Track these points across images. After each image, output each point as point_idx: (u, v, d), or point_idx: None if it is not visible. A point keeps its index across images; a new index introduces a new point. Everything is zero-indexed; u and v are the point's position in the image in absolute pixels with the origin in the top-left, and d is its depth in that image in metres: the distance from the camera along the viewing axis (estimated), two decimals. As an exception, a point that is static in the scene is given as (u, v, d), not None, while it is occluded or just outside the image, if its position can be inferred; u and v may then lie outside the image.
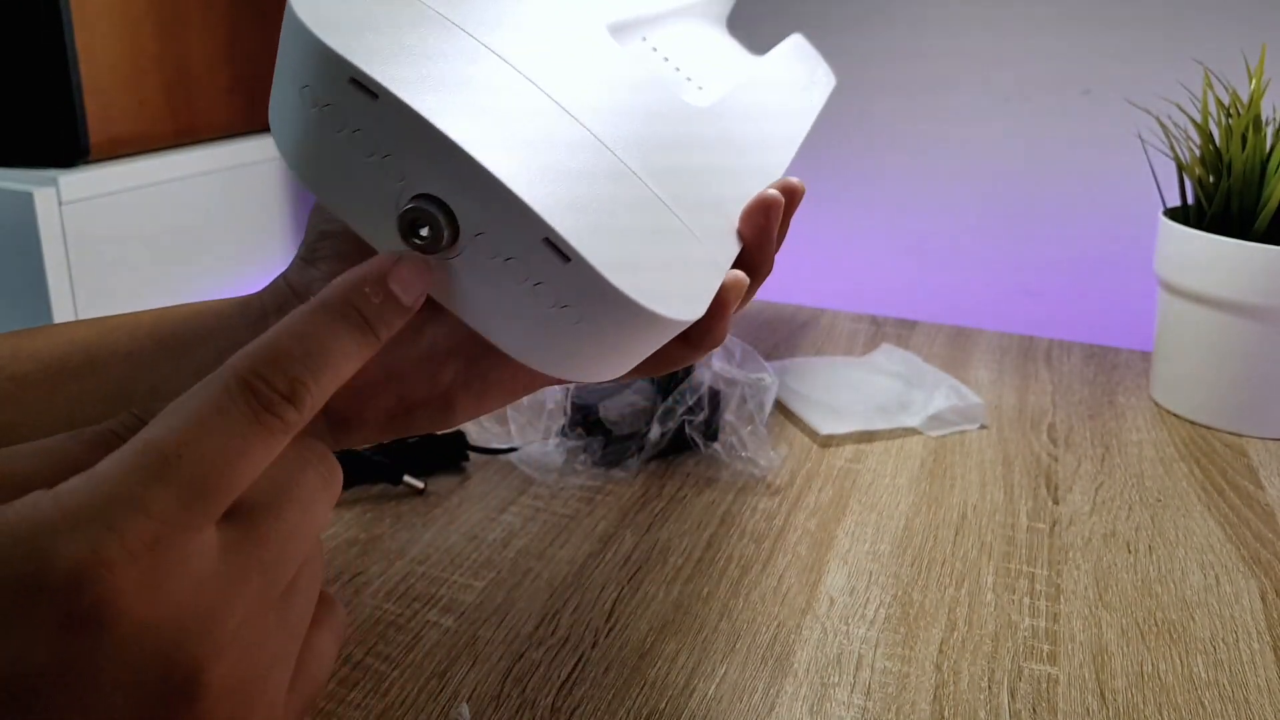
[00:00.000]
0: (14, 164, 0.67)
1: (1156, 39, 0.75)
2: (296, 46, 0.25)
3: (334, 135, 0.25)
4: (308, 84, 0.25)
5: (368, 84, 0.23)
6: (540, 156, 0.25)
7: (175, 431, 0.20)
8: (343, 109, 0.24)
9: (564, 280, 0.25)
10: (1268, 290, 0.60)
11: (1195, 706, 0.39)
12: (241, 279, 0.82)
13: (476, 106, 0.25)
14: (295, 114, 0.26)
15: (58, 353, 0.33)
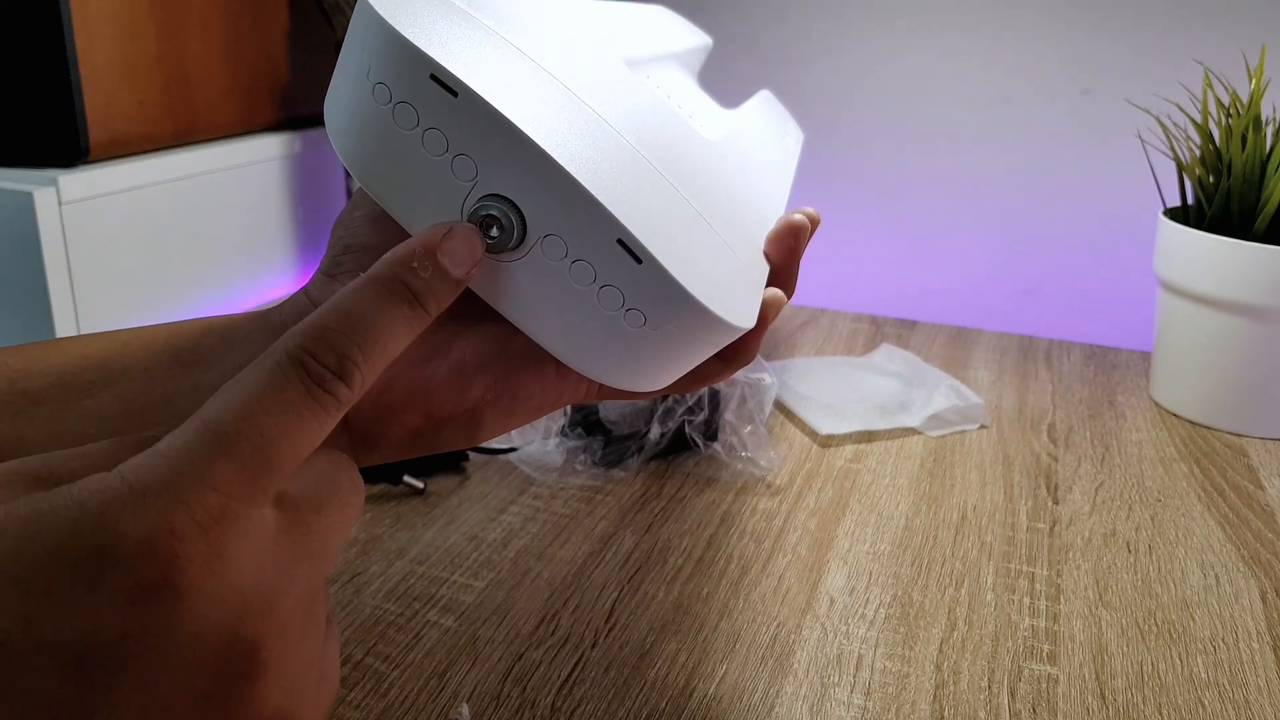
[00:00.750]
0: (14, 164, 0.67)
1: (1157, 39, 0.75)
2: (371, 40, 0.25)
3: (404, 133, 0.25)
4: (382, 80, 0.25)
5: (449, 81, 0.24)
6: (606, 166, 0.26)
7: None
8: (418, 106, 0.24)
9: (634, 282, 0.25)
10: (1268, 290, 0.60)
11: (1195, 706, 0.39)
12: (241, 279, 0.82)
13: (548, 113, 0.25)
14: (362, 110, 0.25)
15: (70, 367, 0.33)
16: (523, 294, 0.26)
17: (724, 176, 0.35)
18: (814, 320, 0.83)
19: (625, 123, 0.29)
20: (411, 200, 0.26)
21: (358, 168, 0.26)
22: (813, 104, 0.85)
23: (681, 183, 0.29)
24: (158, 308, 0.74)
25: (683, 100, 0.40)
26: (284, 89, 0.84)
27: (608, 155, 0.26)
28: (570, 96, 0.27)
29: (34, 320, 0.66)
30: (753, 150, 0.42)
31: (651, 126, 0.31)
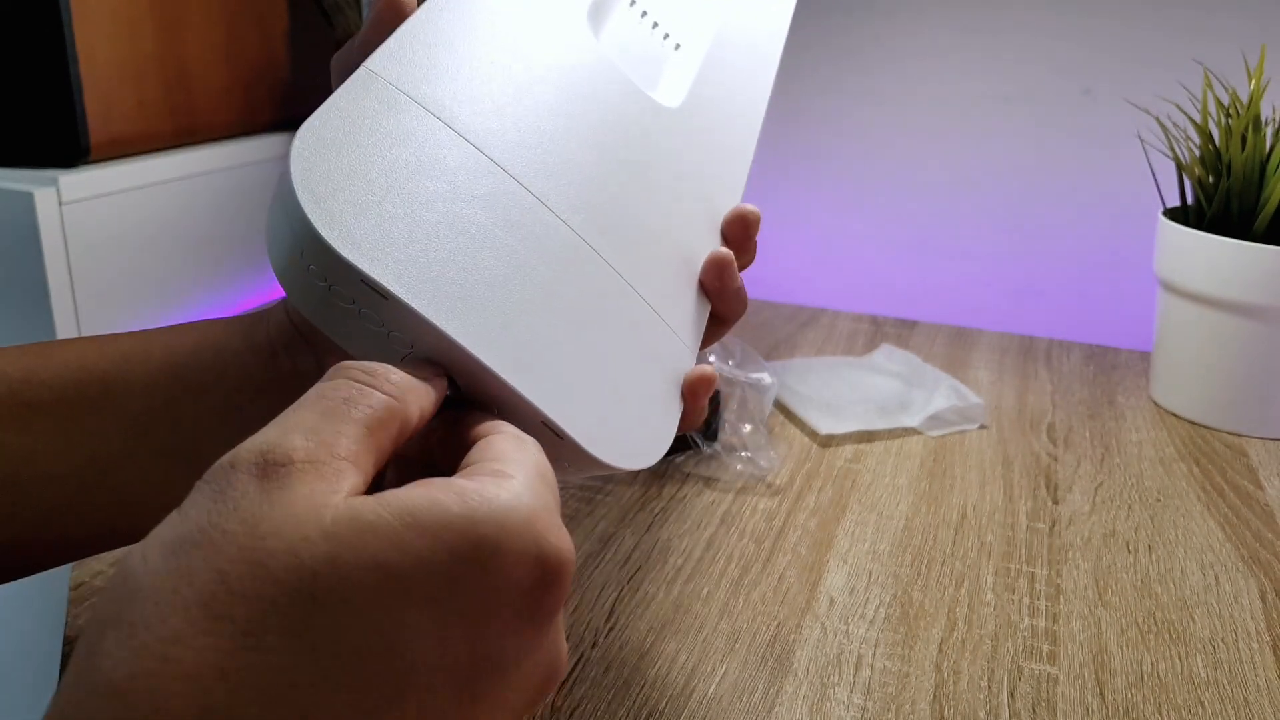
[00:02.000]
0: (14, 164, 0.67)
1: (1156, 39, 0.75)
2: (302, 232, 0.25)
3: (341, 305, 0.26)
4: (314, 266, 0.26)
5: (378, 288, 0.25)
6: (545, 332, 0.28)
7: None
8: (353, 296, 0.26)
9: (557, 448, 0.28)
10: (1267, 290, 0.60)
11: (1195, 706, 0.39)
12: (241, 278, 0.82)
13: (480, 292, 0.27)
14: (299, 276, 0.27)
15: (72, 380, 0.33)
16: None
17: (681, 173, 0.36)
18: (814, 320, 0.83)
19: (566, 189, 0.31)
20: (351, 342, 0.27)
21: (303, 310, 0.27)
22: (813, 104, 0.85)
23: (623, 252, 0.32)
24: (158, 307, 0.74)
25: (664, 10, 0.41)
26: (284, 89, 0.84)
27: (541, 304, 0.29)
28: (504, 197, 0.29)
29: (34, 320, 0.66)
30: (735, 64, 0.42)
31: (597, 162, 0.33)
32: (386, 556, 0.19)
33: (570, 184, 0.32)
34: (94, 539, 0.34)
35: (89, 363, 0.34)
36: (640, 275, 0.33)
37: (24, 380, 0.33)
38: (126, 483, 0.33)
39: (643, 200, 0.34)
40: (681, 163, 0.37)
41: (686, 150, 0.37)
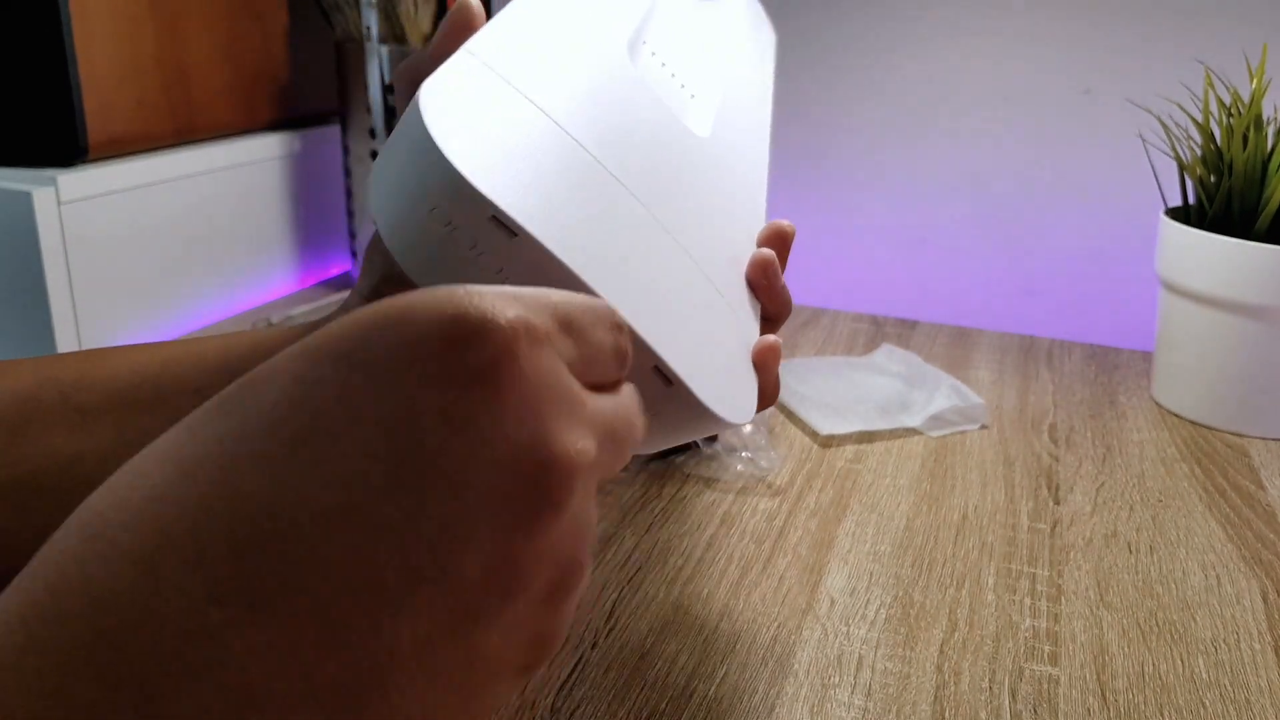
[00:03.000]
0: (13, 164, 0.67)
1: (1158, 38, 0.75)
2: (430, 172, 0.26)
3: (459, 252, 0.26)
4: (439, 207, 0.26)
5: (509, 223, 0.26)
6: (641, 285, 0.29)
7: None
8: (476, 237, 0.26)
9: (663, 398, 0.29)
10: (1269, 290, 0.60)
11: (1196, 707, 0.39)
12: (241, 278, 0.82)
13: (586, 232, 0.28)
14: (417, 224, 0.27)
15: (123, 384, 0.33)
16: None
17: (718, 189, 0.38)
18: (814, 320, 0.83)
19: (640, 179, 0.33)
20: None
21: (406, 263, 0.28)
22: (814, 104, 0.85)
23: (690, 239, 0.33)
24: (157, 307, 0.74)
25: (679, 61, 0.43)
26: (283, 88, 0.84)
27: (640, 264, 0.30)
28: (596, 175, 0.31)
29: (32, 319, 0.66)
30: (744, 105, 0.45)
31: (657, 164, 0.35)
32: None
33: (640, 173, 0.33)
34: None
35: (140, 366, 0.33)
36: (706, 261, 0.34)
37: (75, 384, 0.32)
38: None
39: (695, 201, 0.36)
40: (717, 182, 0.39)
41: (717, 173, 0.39)
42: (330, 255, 0.92)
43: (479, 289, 0.20)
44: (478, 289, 0.20)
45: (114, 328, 0.70)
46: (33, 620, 0.17)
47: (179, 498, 0.18)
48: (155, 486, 0.18)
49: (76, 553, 0.18)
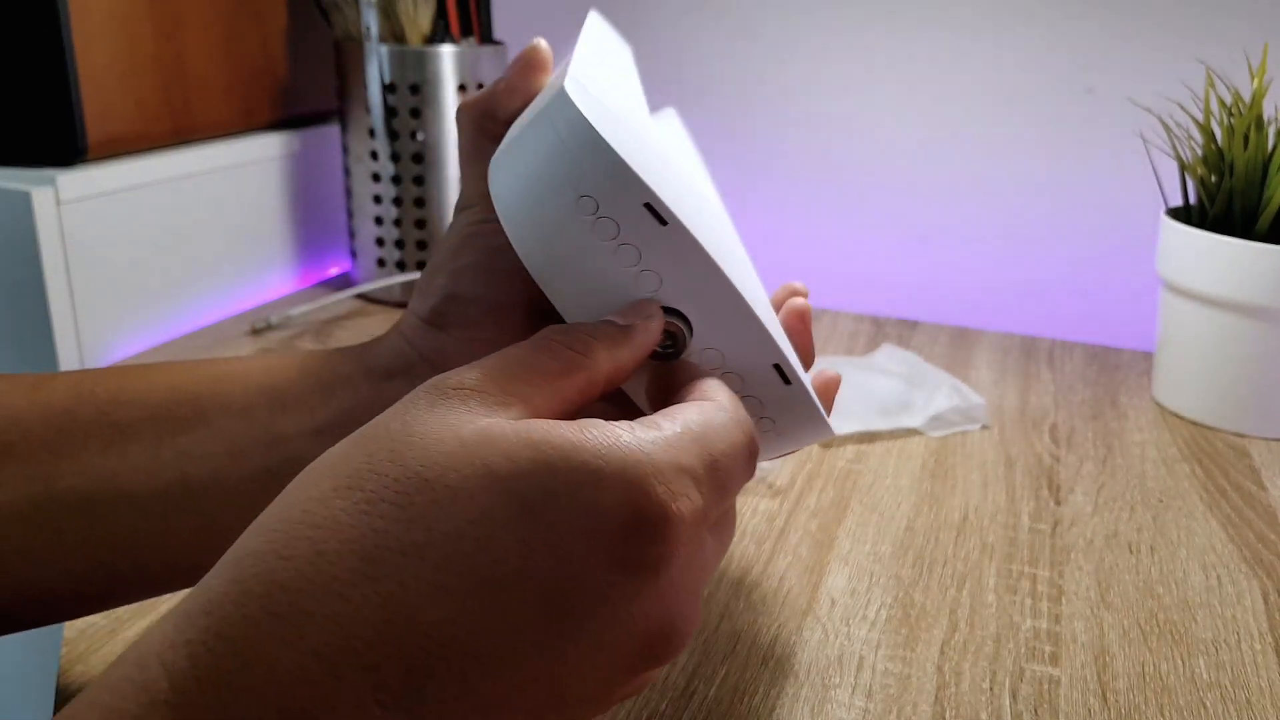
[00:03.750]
0: (11, 163, 0.67)
1: (1159, 38, 0.75)
2: (586, 157, 0.27)
3: (598, 242, 0.27)
4: (591, 195, 0.26)
5: (661, 211, 0.26)
6: (753, 287, 0.31)
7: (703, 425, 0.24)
8: (623, 225, 0.27)
9: (776, 398, 0.30)
10: (1270, 290, 0.60)
11: (1197, 707, 0.39)
12: (240, 278, 0.82)
13: (713, 238, 0.29)
14: (557, 212, 0.27)
15: (162, 400, 0.32)
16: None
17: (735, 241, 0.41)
18: (815, 320, 0.83)
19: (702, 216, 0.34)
20: (582, 297, 0.28)
21: (530, 253, 0.28)
22: (814, 104, 0.85)
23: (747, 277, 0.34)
24: (156, 306, 0.74)
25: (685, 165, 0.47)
26: (283, 88, 0.84)
27: (748, 274, 0.31)
28: (705, 209, 0.32)
29: (31, 319, 0.66)
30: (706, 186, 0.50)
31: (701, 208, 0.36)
32: (494, 462, 0.22)
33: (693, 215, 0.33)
34: (168, 572, 0.32)
35: (179, 383, 0.33)
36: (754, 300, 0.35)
37: (112, 400, 0.32)
38: (213, 509, 0.32)
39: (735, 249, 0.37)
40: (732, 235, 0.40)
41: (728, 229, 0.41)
42: (329, 255, 0.92)
43: (656, 463, 0.22)
44: (655, 463, 0.22)
45: (113, 327, 0.70)
46: (220, 687, 0.19)
47: (361, 605, 0.20)
48: (338, 581, 0.20)
49: (262, 628, 0.20)
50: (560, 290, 0.28)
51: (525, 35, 0.87)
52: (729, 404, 0.26)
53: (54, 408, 0.31)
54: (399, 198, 0.79)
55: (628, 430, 0.23)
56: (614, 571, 0.22)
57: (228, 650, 0.20)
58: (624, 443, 0.22)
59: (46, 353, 0.66)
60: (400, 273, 0.81)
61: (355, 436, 0.23)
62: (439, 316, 0.35)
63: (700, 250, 0.27)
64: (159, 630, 0.21)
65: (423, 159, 0.78)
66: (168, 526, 0.31)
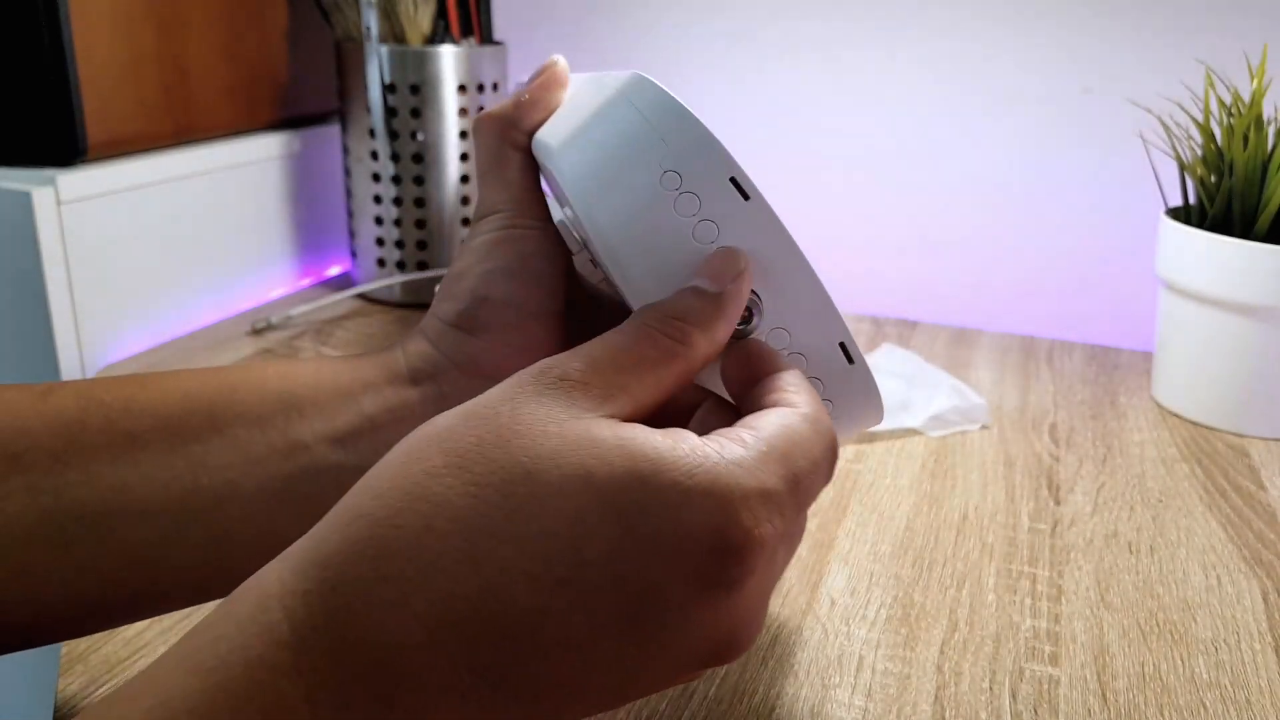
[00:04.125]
0: (12, 163, 0.67)
1: (1158, 38, 0.75)
2: (675, 133, 0.27)
3: (679, 218, 0.28)
4: (678, 171, 0.27)
5: (745, 186, 0.27)
6: None
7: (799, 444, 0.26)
8: (706, 200, 0.27)
9: (840, 378, 0.30)
10: (1270, 290, 0.60)
11: (1197, 707, 0.39)
12: (241, 278, 0.82)
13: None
14: (639, 186, 0.28)
15: (175, 409, 0.31)
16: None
17: None
18: (814, 320, 0.83)
19: None
20: (654, 273, 0.28)
21: (606, 233, 0.28)
22: (813, 104, 0.85)
23: None
24: (156, 306, 0.74)
25: None
26: (283, 88, 0.84)
27: None
28: None
29: (32, 319, 0.66)
30: None
31: None
32: (593, 466, 0.23)
33: None
34: (179, 587, 0.32)
35: (193, 391, 0.32)
36: None
37: (123, 409, 0.31)
38: (226, 521, 0.31)
39: None
40: None
41: None
42: (330, 255, 0.92)
43: (744, 488, 0.23)
44: (743, 488, 0.23)
45: (113, 327, 0.70)
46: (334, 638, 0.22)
47: (464, 583, 0.22)
48: (446, 558, 0.22)
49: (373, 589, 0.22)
50: (631, 267, 0.28)
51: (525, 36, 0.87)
52: (811, 410, 0.27)
53: (62, 417, 0.30)
54: (399, 198, 0.79)
55: (716, 449, 0.24)
56: (693, 586, 0.23)
57: (342, 604, 0.22)
58: (713, 463, 0.23)
59: (47, 352, 0.66)
60: (400, 273, 0.81)
61: (464, 413, 0.24)
62: (467, 320, 0.34)
63: (779, 225, 0.28)
64: (276, 575, 0.23)
65: (423, 159, 0.78)
66: (180, 538, 0.30)
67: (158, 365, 0.69)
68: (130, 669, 0.39)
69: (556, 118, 0.35)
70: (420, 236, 0.80)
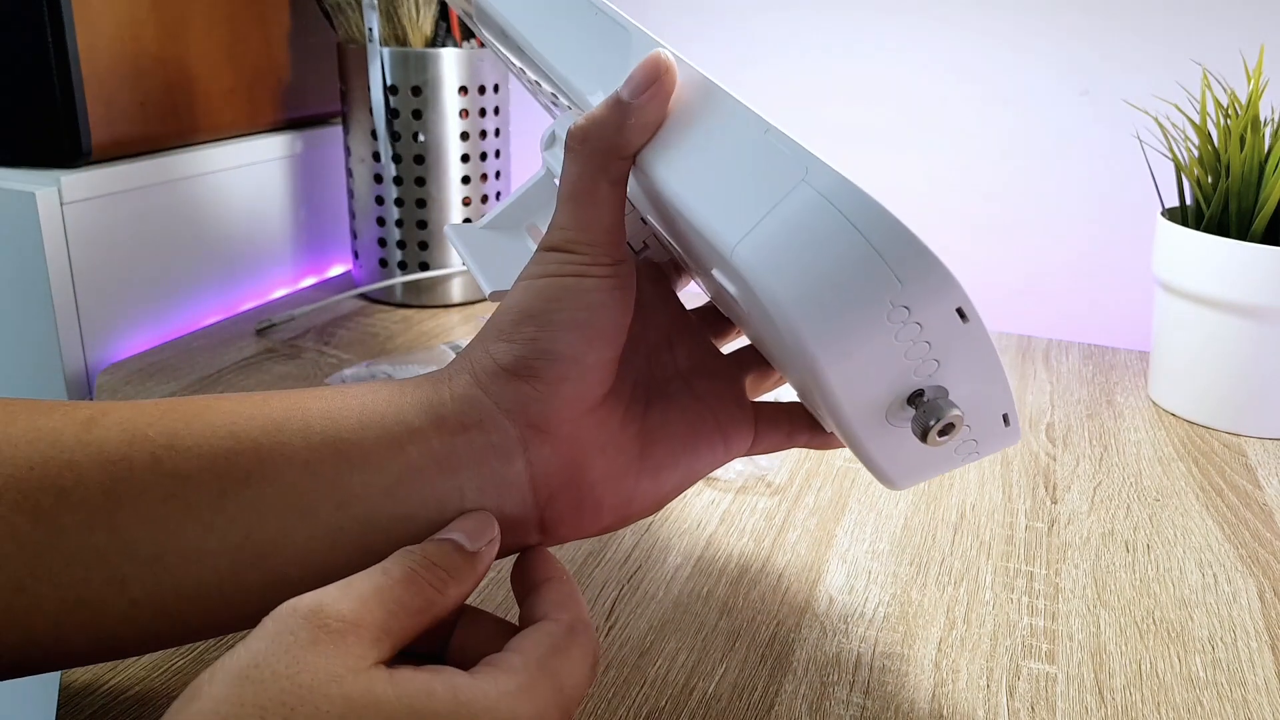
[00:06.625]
0: (16, 164, 0.68)
1: (1155, 40, 0.75)
2: (910, 269, 0.26)
3: (896, 342, 0.27)
4: (910, 306, 0.27)
5: (969, 313, 0.27)
6: None
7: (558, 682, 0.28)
8: (929, 327, 0.27)
9: (996, 435, 0.32)
10: (1265, 291, 0.60)
11: (1194, 705, 0.39)
12: (242, 279, 0.82)
13: None
14: (862, 312, 0.27)
15: (223, 449, 0.30)
16: (909, 454, 0.32)
17: None
18: (814, 320, 0.83)
19: None
20: (855, 378, 0.28)
21: (809, 341, 0.27)
22: (812, 104, 0.86)
23: None
24: (159, 307, 0.74)
25: None
26: (286, 90, 0.84)
27: None
28: None
29: (36, 320, 0.66)
30: None
31: None
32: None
33: None
34: (237, 621, 0.31)
35: (239, 429, 0.31)
36: None
37: (168, 446, 0.30)
38: (282, 566, 0.30)
39: None
40: None
41: None
42: (332, 256, 0.92)
43: (521, 716, 0.27)
44: (519, 717, 0.27)
45: (117, 327, 0.71)
46: None
47: None
48: None
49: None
50: (832, 368, 0.27)
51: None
52: (573, 619, 0.30)
53: (106, 451, 0.30)
54: (401, 199, 0.79)
55: (491, 684, 0.26)
56: None
57: None
58: (492, 701, 0.26)
59: (50, 352, 0.66)
60: (402, 273, 0.81)
61: (239, 675, 0.24)
62: (525, 368, 0.32)
63: (988, 341, 0.29)
64: None
65: (424, 160, 0.78)
66: (236, 580, 0.30)
67: (160, 365, 0.69)
68: (132, 666, 0.39)
69: (692, 165, 0.31)
70: (422, 237, 0.80)
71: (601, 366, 0.33)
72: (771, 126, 0.30)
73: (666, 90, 0.32)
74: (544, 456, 0.33)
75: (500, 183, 0.83)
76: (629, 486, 0.35)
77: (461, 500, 0.32)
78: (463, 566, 0.29)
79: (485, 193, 0.82)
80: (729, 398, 0.38)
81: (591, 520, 0.34)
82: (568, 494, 0.33)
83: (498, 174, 0.82)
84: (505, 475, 0.32)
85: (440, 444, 0.32)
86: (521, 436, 0.32)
